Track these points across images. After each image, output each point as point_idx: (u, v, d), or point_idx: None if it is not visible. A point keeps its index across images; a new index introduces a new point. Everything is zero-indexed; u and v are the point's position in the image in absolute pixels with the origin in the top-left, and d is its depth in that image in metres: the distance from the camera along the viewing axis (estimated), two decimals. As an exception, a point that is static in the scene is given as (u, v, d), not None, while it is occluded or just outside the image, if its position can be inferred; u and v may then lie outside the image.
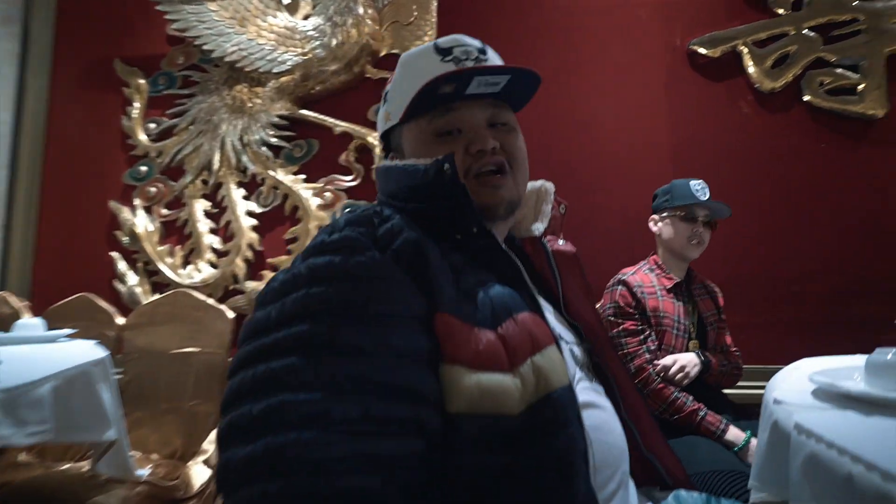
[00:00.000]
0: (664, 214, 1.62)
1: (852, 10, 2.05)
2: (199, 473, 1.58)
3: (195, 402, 1.76)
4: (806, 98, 2.07)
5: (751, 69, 2.10)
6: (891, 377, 0.76)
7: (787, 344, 2.02)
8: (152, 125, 2.50)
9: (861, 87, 2.03)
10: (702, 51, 2.14)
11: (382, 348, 0.53)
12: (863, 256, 2.01)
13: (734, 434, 1.35)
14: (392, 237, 0.61)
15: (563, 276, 0.83)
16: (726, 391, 1.67)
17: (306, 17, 2.35)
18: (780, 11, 2.11)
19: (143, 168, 2.46)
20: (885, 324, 1.72)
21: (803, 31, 2.08)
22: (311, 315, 0.53)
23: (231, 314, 1.88)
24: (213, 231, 2.40)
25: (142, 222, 2.40)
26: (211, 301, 1.93)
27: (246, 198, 2.39)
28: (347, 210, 0.67)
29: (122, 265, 2.40)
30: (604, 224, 2.12)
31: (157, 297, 2.12)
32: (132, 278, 2.37)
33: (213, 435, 1.76)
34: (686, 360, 1.44)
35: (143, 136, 2.48)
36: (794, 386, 0.85)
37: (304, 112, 2.33)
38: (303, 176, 2.35)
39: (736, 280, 2.06)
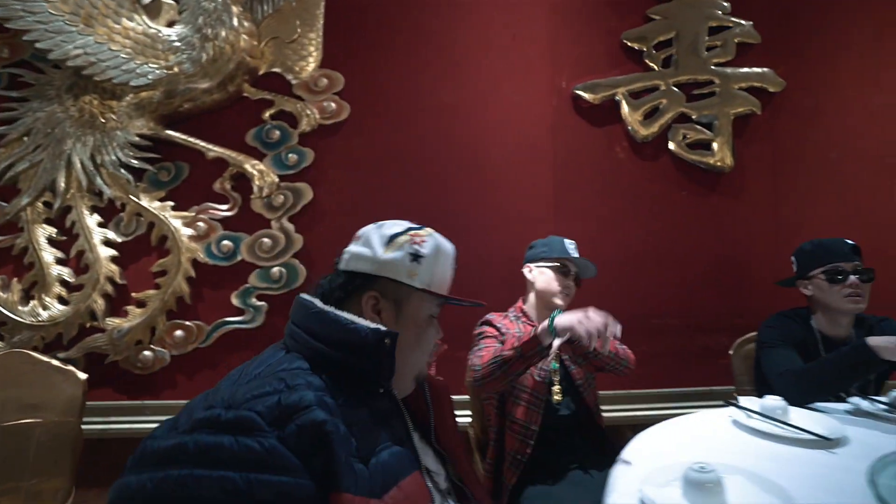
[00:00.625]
0: (540, 264, 1.70)
1: (709, 72, 2.26)
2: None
3: (37, 481, 1.55)
4: (671, 148, 2.27)
5: (627, 117, 2.25)
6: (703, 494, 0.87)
7: (647, 371, 2.26)
8: (-31, 130, 2.07)
9: (714, 142, 2.26)
10: (585, 96, 2.24)
11: None
12: (709, 295, 2.29)
13: (543, 330, 1.35)
14: (296, 413, 0.66)
15: (435, 407, 0.94)
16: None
17: (170, 24, 2.06)
18: (653, 66, 2.26)
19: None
20: (723, 352, 1.98)
21: (672, 87, 2.25)
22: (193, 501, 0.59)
23: (83, 375, 1.67)
24: (60, 261, 2.09)
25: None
26: (56, 362, 1.68)
27: (102, 225, 2.10)
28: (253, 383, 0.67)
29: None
30: (488, 263, 2.18)
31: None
32: (-48, 320, 2.01)
33: (62, 514, 1.58)
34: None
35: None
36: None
37: (171, 133, 2.08)
38: (171, 203, 2.12)
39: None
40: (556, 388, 1.64)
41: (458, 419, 1.01)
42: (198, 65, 2.00)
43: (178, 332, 2.11)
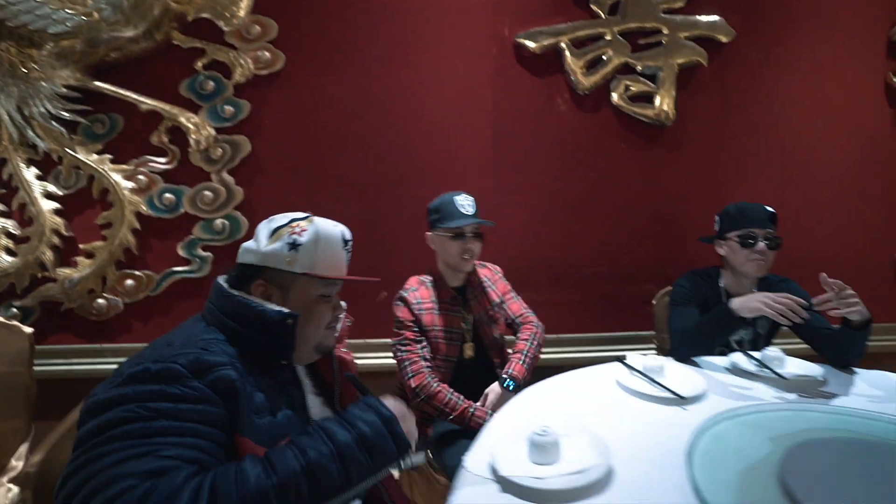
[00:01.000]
0: (437, 232, 1.71)
1: (658, 19, 2.19)
2: (3, 494, 1.59)
3: (-5, 422, 1.71)
4: (613, 100, 2.25)
5: (570, 67, 2.20)
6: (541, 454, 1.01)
7: (579, 316, 2.41)
8: None
9: (657, 95, 2.24)
10: (527, 44, 2.18)
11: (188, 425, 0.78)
12: (643, 246, 2.37)
13: (480, 411, 1.59)
14: (212, 368, 0.84)
15: (341, 379, 1.13)
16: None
17: (87, -33, 1.95)
18: (600, 13, 2.18)
19: None
20: (649, 300, 2.10)
21: (617, 36, 2.19)
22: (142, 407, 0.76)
23: (28, 329, 1.78)
24: (3, 214, 2.13)
25: None
26: (1, 318, 1.78)
27: (41, 178, 2.12)
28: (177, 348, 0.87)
29: None
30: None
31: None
32: None
33: (21, 449, 1.75)
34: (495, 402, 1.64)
35: None
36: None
37: (100, 84, 2.04)
38: (109, 156, 2.13)
39: (538, 262, 2.34)
40: (469, 344, 1.76)
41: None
42: (118, 10, 1.93)
43: (129, 282, 2.20)
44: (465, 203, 1.68)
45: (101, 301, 2.19)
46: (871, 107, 2.38)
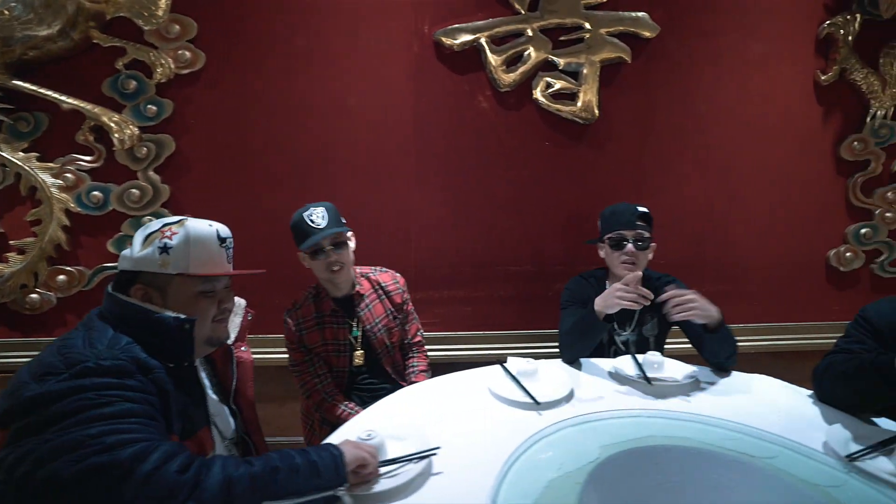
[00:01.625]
0: (301, 253, 1.69)
1: (580, 15, 2.17)
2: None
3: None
4: (536, 98, 2.24)
5: (490, 65, 2.20)
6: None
7: (500, 313, 2.44)
8: None
9: (579, 92, 2.23)
10: (446, 41, 2.17)
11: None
12: (566, 244, 2.39)
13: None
14: (149, 370, 0.96)
15: (239, 376, 1.28)
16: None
17: (-3, -33, 1.97)
18: (520, 9, 2.16)
19: None
20: None
21: (538, 33, 2.18)
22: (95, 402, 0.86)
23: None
24: (-69, 210, 2.19)
25: None
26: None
27: (-33, 175, 2.17)
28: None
29: None
30: (345, 213, 2.26)
31: None
32: None
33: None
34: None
35: None
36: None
37: (19, 83, 2.07)
38: (35, 154, 2.17)
39: (462, 259, 2.37)
40: (358, 352, 1.80)
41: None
42: (30, 9, 1.95)
43: (61, 277, 2.26)
44: (315, 217, 1.65)
45: (34, 296, 2.25)
46: (799, 104, 2.36)
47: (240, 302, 1.34)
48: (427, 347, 2.37)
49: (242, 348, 1.33)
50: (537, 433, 1.20)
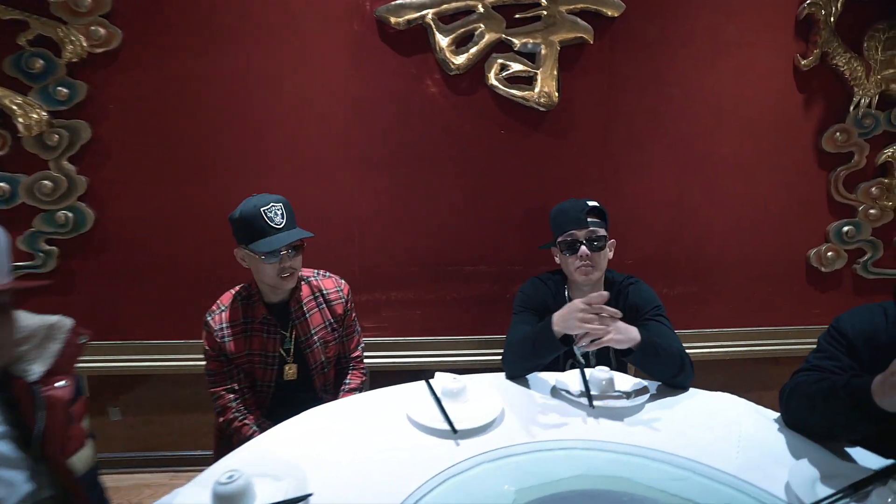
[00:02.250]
0: (247, 252, 1.46)
1: (532, -10, 1.96)
2: None
3: None
4: (489, 82, 2.04)
5: (438, 45, 1.99)
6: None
7: (455, 318, 2.26)
8: None
9: (537, 75, 2.03)
10: (390, 19, 1.97)
11: None
12: (525, 241, 2.20)
13: None
14: None
15: (51, 421, 0.97)
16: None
17: None
18: (468, -18, 1.96)
19: None
20: None
21: (490, 10, 1.97)
22: None
23: None
24: None
25: None
26: None
27: None
28: None
29: None
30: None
31: None
32: None
33: None
34: None
35: None
36: None
37: None
38: (-69, 141, 1.95)
39: (411, 260, 2.18)
40: (290, 366, 1.61)
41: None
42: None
43: (-32, 278, 2.05)
44: (274, 214, 1.44)
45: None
46: (778, 90, 2.17)
47: (62, 323, 1.03)
48: (374, 354, 2.22)
49: (60, 383, 1.00)
50: (447, 470, 1.01)
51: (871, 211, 2.30)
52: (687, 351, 1.41)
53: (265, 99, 2.03)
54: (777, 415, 1.27)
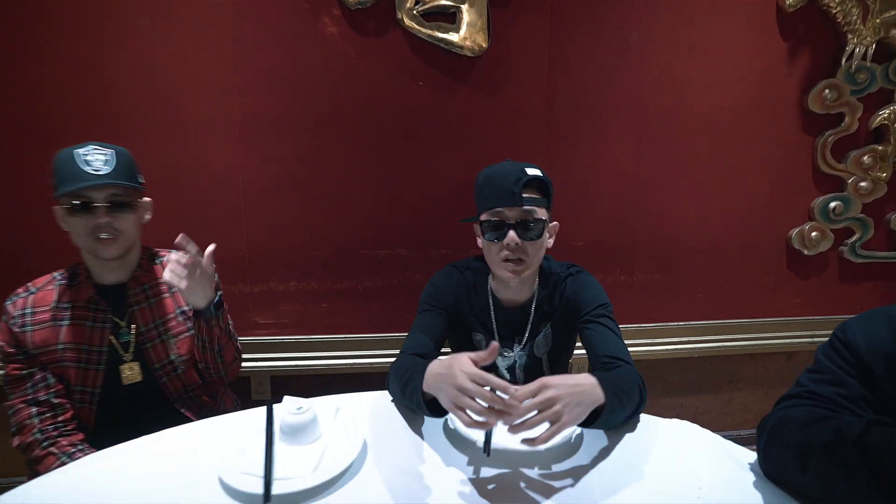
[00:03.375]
0: (57, 207, 1.15)
1: None
2: None
3: None
4: (401, 19, 1.63)
5: (336, -29, 1.57)
6: None
7: (369, 313, 1.88)
8: None
9: (461, 12, 1.62)
10: (272, -65, 1.53)
11: None
12: (452, 219, 1.80)
13: None
14: None
15: None
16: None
17: None
18: None
19: None
20: None
21: (397, -78, 1.55)
22: None
23: None
24: None
25: None
26: None
27: None
28: None
29: None
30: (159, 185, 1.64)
31: None
32: None
33: None
34: None
35: None
36: None
37: None
38: None
39: (311, 245, 1.80)
40: (129, 364, 1.23)
41: None
42: None
43: None
44: (94, 159, 1.11)
45: None
46: (757, 38, 1.80)
47: None
48: (272, 356, 1.86)
49: None
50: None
51: (862, 184, 1.97)
52: (648, 349, 1.03)
53: (117, 39, 1.58)
54: (752, 456, 0.91)
